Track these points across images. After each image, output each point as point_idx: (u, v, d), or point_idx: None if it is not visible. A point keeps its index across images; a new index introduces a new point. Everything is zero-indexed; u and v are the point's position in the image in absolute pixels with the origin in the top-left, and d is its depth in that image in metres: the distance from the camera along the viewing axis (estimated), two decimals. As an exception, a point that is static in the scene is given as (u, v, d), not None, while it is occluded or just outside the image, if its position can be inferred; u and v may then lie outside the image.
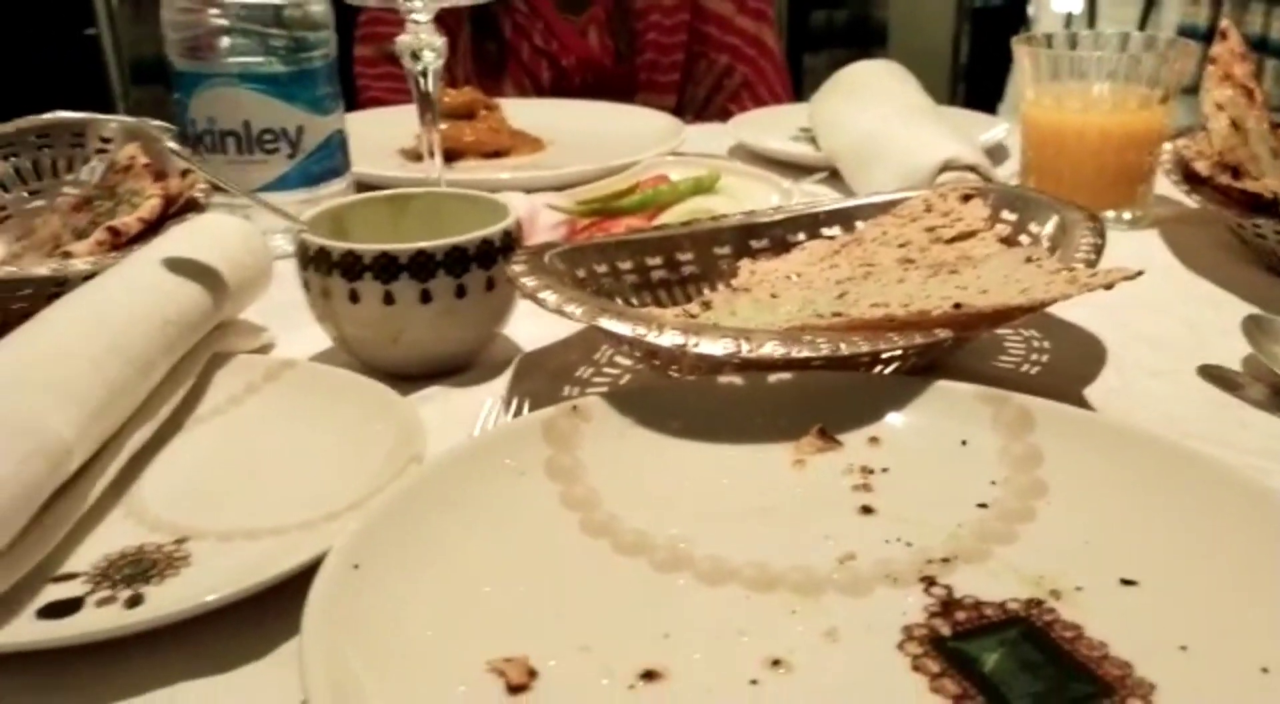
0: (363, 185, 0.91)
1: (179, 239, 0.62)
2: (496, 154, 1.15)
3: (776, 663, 0.38)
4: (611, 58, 1.53)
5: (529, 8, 1.50)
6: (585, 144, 1.14)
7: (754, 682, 0.37)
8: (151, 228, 0.70)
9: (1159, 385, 0.62)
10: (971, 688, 0.37)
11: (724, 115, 1.32)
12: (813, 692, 0.37)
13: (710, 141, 1.15)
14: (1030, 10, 3.82)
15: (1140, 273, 0.53)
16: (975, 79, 3.63)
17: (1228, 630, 0.38)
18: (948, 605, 0.41)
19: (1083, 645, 0.38)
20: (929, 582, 0.42)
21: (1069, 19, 4.65)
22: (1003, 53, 1.82)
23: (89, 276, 0.64)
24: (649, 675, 0.38)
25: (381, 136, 1.13)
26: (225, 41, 0.79)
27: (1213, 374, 0.62)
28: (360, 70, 1.53)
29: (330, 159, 0.87)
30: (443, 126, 0.90)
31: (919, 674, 0.37)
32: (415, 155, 1.11)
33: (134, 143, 0.78)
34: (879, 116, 0.98)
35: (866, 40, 4.03)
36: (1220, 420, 0.58)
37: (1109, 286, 0.53)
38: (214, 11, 0.78)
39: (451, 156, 1.10)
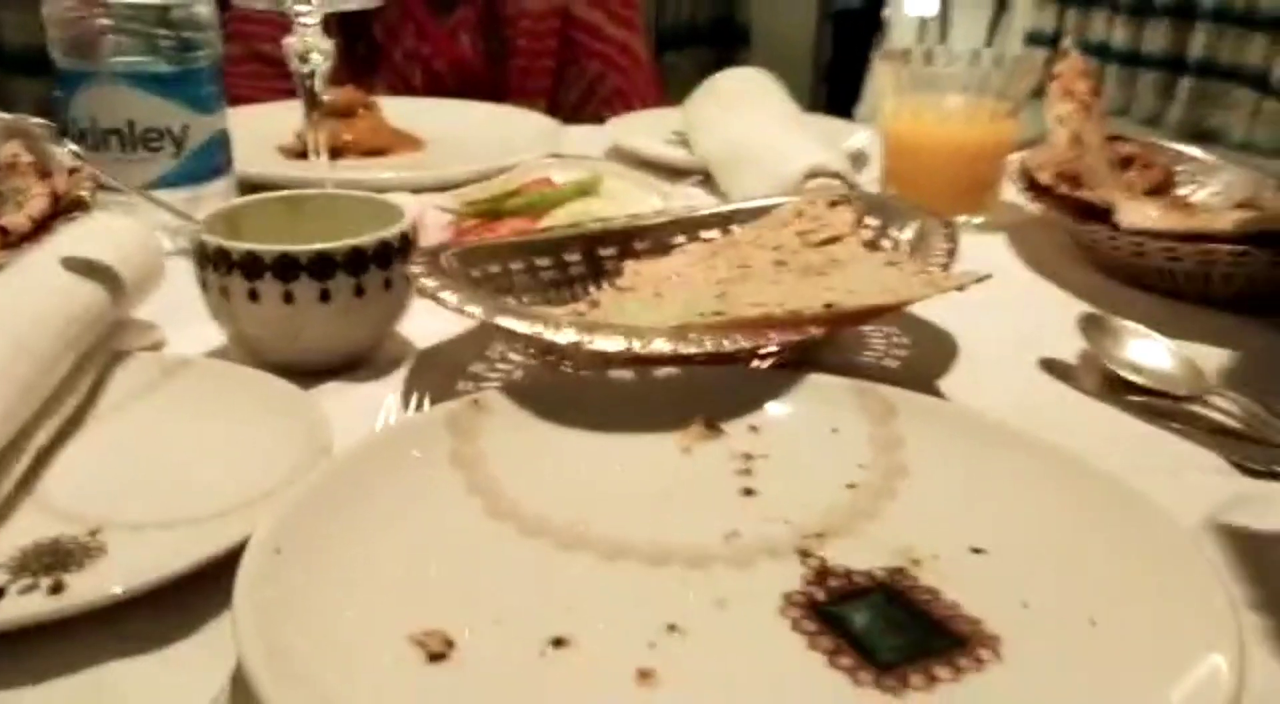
0: (245, 185, 0.92)
1: (75, 238, 0.63)
2: (376, 152, 1.16)
3: (672, 628, 0.42)
4: (483, 61, 1.55)
5: (400, 10, 1.51)
6: (464, 144, 1.17)
7: (652, 645, 0.41)
8: (40, 226, 0.70)
9: (1004, 377, 0.68)
10: (844, 644, 0.41)
11: (597, 120, 1.35)
12: (706, 652, 0.41)
13: (587, 143, 1.19)
14: (886, 13, 3.95)
15: (989, 276, 0.59)
16: (835, 79, 3.75)
17: (1062, 590, 0.44)
18: (821, 574, 0.46)
19: (939, 606, 0.43)
20: (805, 554, 0.47)
21: (922, 23, 4.82)
22: (861, 54, 1.90)
23: (-22, 275, 0.64)
24: (558, 642, 0.41)
25: (257, 133, 1.13)
26: (110, 40, 0.79)
27: (1053, 367, 0.68)
28: (227, 69, 1.52)
29: (214, 157, 0.87)
30: (325, 126, 0.92)
31: (798, 634, 0.42)
32: (295, 152, 1.12)
33: (15, 140, 0.78)
34: (749, 123, 1.03)
35: (729, 40, 4.11)
36: (1058, 408, 0.64)
37: (961, 288, 0.59)
38: (99, 11, 0.78)
39: (331, 154, 1.10)
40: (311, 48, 0.82)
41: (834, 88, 3.70)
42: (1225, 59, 1.41)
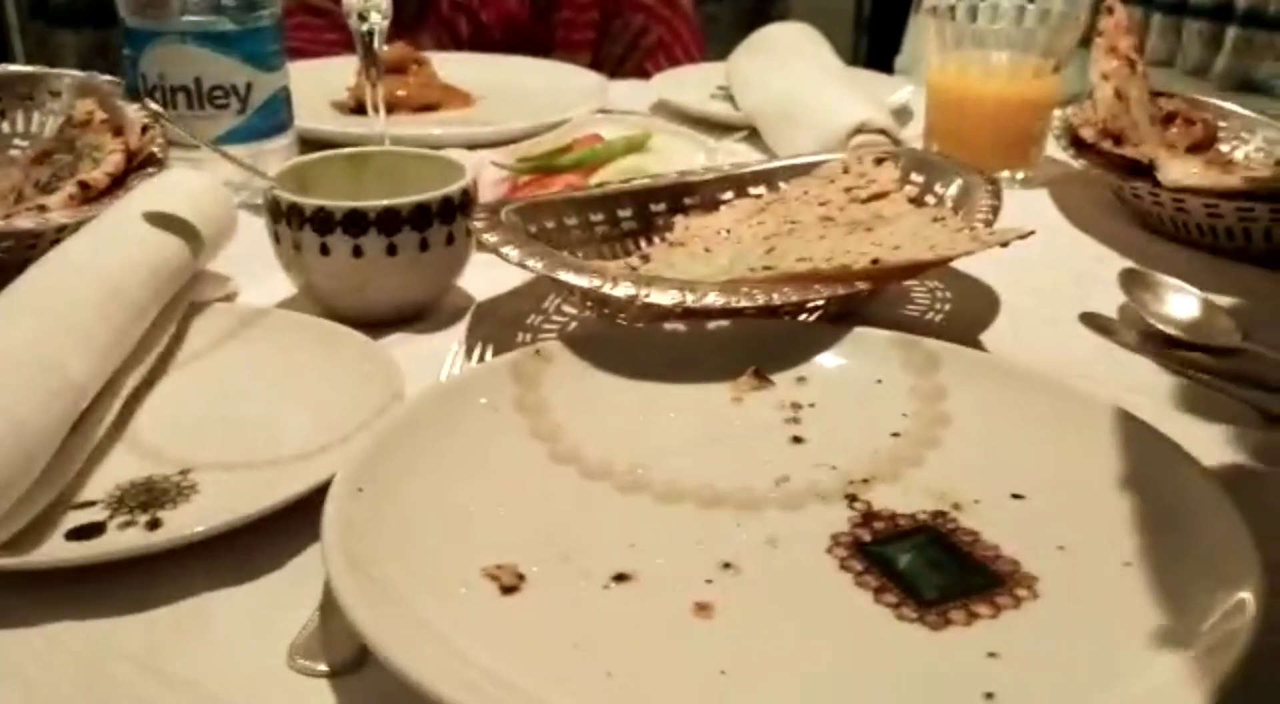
0: (305, 140, 0.95)
1: (154, 193, 0.66)
2: (427, 107, 1.19)
3: (727, 566, 0.45)
4: (529, 14, 1.56)
5: None
6: (513, 99, 1.19)
7: (709, 581, 0.44)
8: (116, 182, 0.74)
9: (1046, 331, 0.70)
10: (889, 582, 0.44)
11: (640, 73, 1.37)
12: (758, 587, 0.44)
13: (633, 99, 1.21)
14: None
15: (1032, 232, 0.60)
16: (875, 30, 3.72)
17: (1097, 534, 0.46)
18: (867, 517, 0.48)
19: (979, 548, 0.46)
20: (851, 498, 0.50)
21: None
22: (901, 4, 1.89)
23: (62, 228, 0.68)
24: (620, 578, 0.44)
25: (311, 88, 1.16)
26: (178, 0, 0.82)
27: (1092, 321, 0.70)
28: None
29: (276, 114, 0.90)
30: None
31: (845, 572, 0.45)
32: (349, 108, 1.14)
33: (89, 98, 0.81)
34: (794, 78, 1.05)
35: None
36: (1097, 361, 0.66)
37: (1005, 244, 0.61)
38: (168, -28, 0.81)
39: (386, 110, 1.13)
40: (371, 6, 0.84)
41: (874, 39, 3.67)
42: (1273, 9, 1.39)
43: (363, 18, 0.84)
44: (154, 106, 0.74)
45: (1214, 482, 0.46)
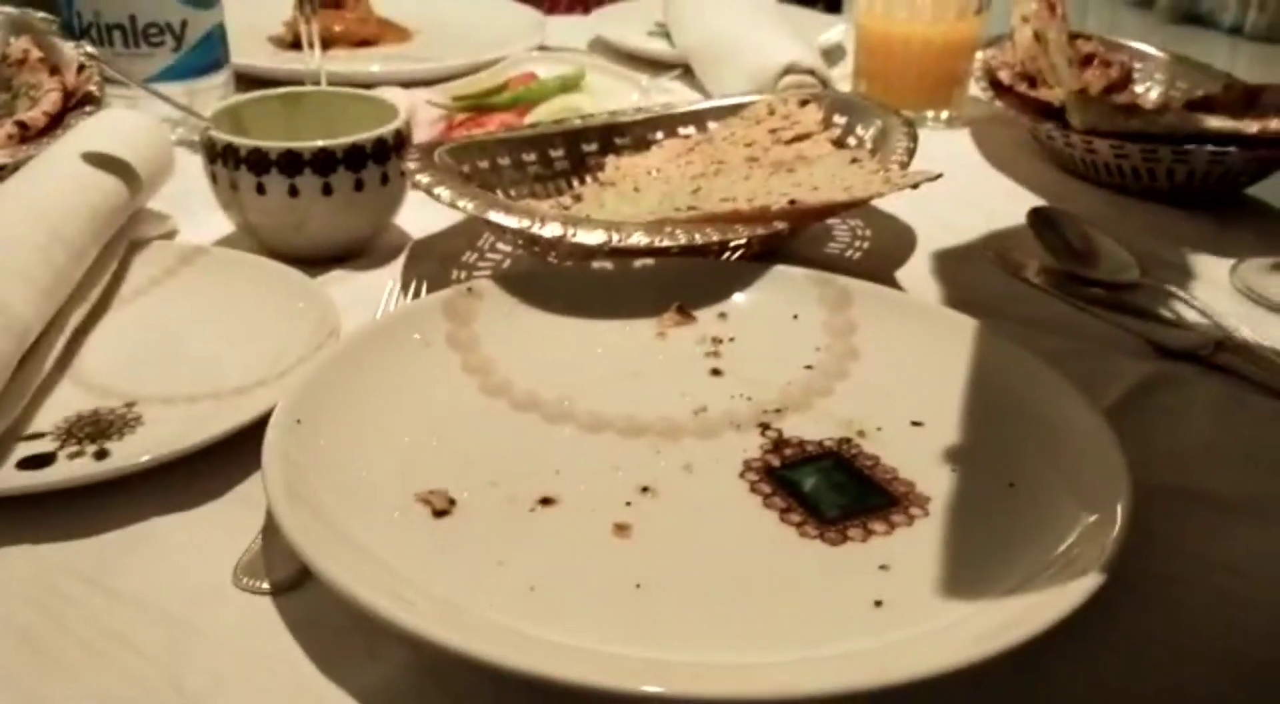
0: (241, 76, 0.95)
1: (92, 133, 0.67)
2: (364, 43, 1.19)
3: (645, 489, 0.49)
4: None
5: None
6: (450, 34, 1.19)
7: (628, 503, 0.48)
8: (53, 121, 0.74)
9: (958, 267, 0.73)
10: (794, 503, 0.48)
11: (583, 8, 1.37)
12: (674, 509, 0.48)
13: (571, 35, 1.22)
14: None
15: (940, 175, 0.64)
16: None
17: (986, 457, 0.50)
18: (778, 444, 0.52)
19: (879, 471, 0.50)
20: (764, 427, 0.53)
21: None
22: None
23: (1, 168, 0.69)
24: (545, 501, 0.48)
25: (247, 23, 1.15)
26: (112, -63, 0.82)
27: (1001, 258, 0.74)
28: None
29: (212, 52, 0.90)
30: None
31: (755, 494, 0.48)
32: (286, 43, 1.14)
33: (25, 36, 0.81)
34: (727, 17, 1.06)
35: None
36: (1004, 296, 0.69)
37: (915, 186, 0.64)
38: (101, -93, 0.81)
39: (322, 45, 1.14)
40: (306, -59, 0.85)
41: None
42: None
43: (298, -47, 0.84)
44: (89, 49, 0.74)
45: (1092, 406, 0.50)
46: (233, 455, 0.50)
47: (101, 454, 0.50)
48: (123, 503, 0.48)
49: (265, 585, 0.44)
